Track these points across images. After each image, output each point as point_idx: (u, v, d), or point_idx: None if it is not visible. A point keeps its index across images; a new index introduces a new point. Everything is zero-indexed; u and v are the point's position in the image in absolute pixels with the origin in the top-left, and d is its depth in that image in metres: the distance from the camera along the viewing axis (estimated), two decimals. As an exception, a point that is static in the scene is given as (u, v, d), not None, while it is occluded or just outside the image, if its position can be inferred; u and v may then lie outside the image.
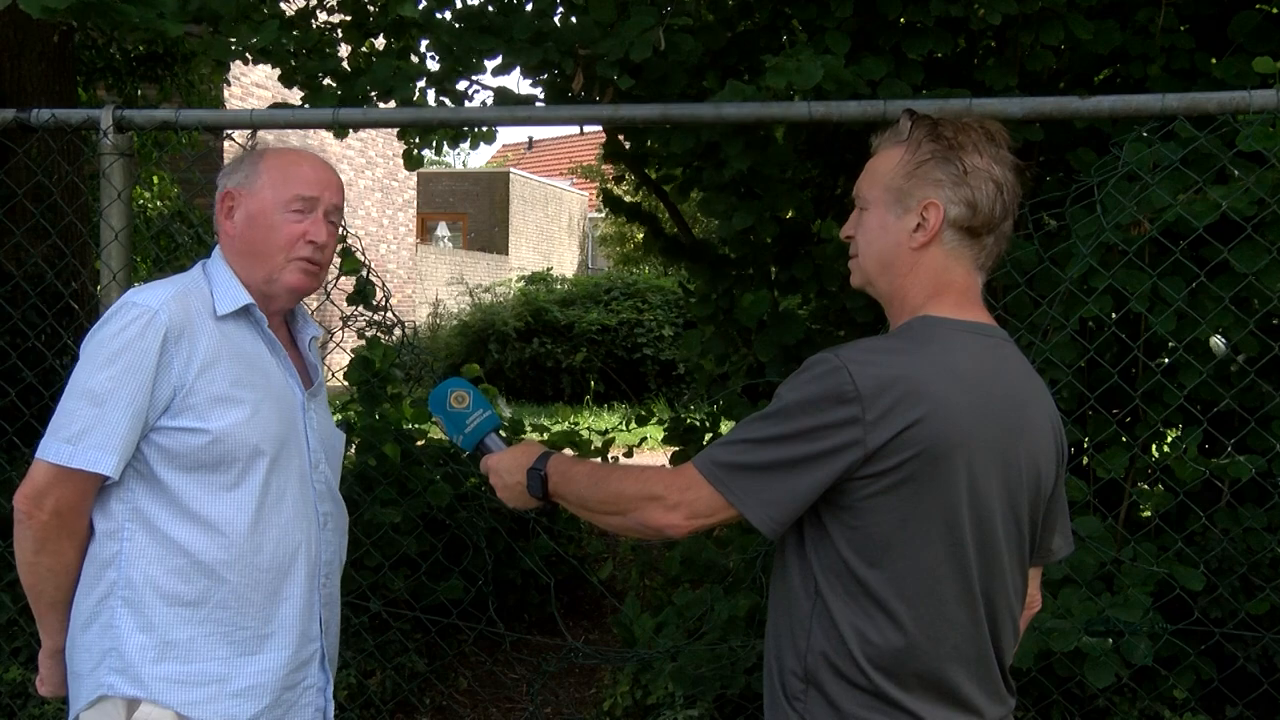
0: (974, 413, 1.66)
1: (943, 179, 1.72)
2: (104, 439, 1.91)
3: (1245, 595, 3.30)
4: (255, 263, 2.09)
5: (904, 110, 1.83)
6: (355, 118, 3.38)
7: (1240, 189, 2.95)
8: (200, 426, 1.96)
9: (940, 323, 1.73)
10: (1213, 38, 3.78)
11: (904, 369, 1.64)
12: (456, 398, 2.04)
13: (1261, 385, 3.18)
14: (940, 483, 1.63)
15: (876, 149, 1.83)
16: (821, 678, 1.67)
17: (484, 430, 2.03)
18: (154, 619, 1.96)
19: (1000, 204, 1.74)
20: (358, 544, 4.04)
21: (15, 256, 5.08)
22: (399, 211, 19.19)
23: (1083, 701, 3.41)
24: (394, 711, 4.20)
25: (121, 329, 1.95)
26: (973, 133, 1.74)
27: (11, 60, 5.98)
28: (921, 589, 1.65)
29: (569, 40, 3.71)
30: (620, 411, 13.25)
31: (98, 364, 1.94)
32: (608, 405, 14.08)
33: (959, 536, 1.67)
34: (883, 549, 1.64)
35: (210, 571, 1.97)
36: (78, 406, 1.93)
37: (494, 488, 1.97)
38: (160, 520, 1.96)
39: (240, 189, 2.11)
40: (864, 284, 1.84)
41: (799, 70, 3.11)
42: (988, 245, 1.76)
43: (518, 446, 1.97)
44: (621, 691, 4.02)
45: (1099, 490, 3.40)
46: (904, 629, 1.65)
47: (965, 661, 1.70)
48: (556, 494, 1.86)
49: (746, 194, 4.14)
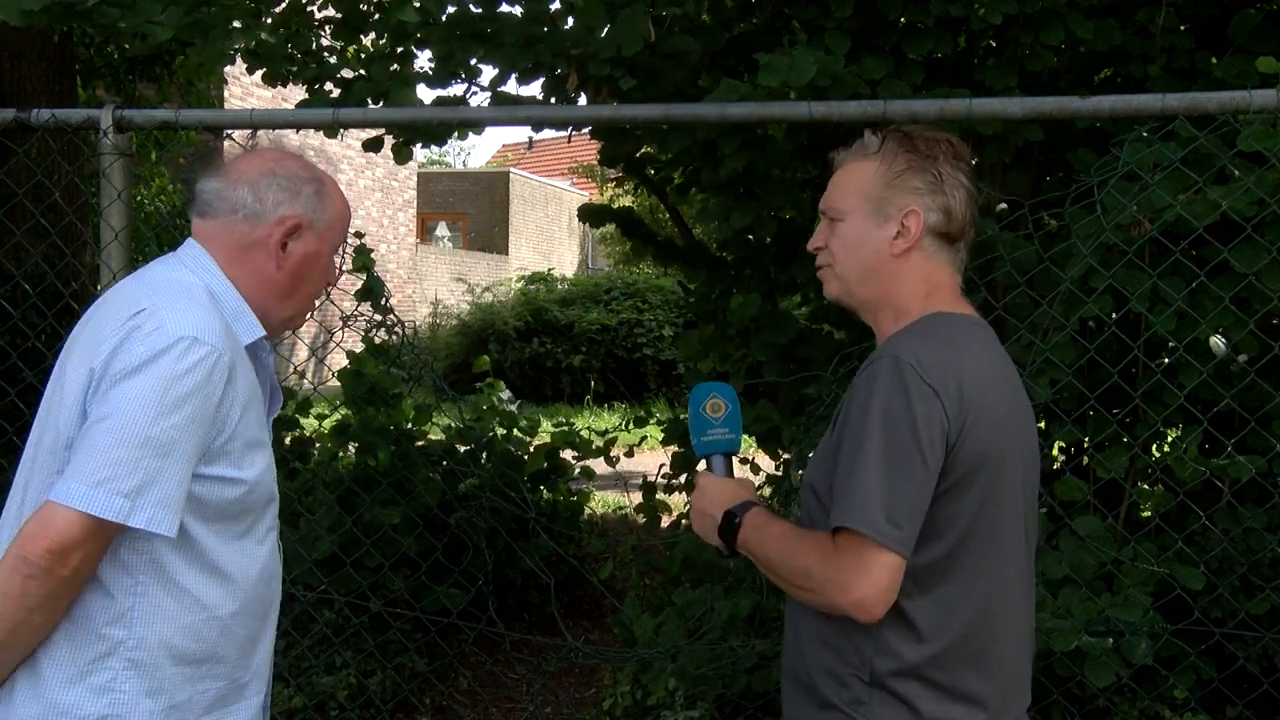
0: (1005, 400, 1.75)
1: (921, 187, 1.78)
2: (166, 495, 1.69)
3: (1245, 595, 3.30)
4: (288, 301, 1.92)
5: (866, 129, 1.88)
6: (355, 118, 3.38)
7: (1240, 189, 2.95)
8: (237, 476, 1.79)
9: (956, 318, 1.79)
10: (1213, 38, 3.77)
11: (957, 362, 1.69)
12: (713, 405, 1.97)
13: (1262, 385, 3.18)
14: (1003, 469, 1.70)
15: (841, 163, 1.87)
16: (894, 681, 1.67)
17: (718, 448, 1.96)
18: (163, 682, 1.76)
19: (970, 211, 1.82)
20: (358, 544, 4.04)
21: (15, 256, 5.08)
22: (399, 211, 19.19)
23: (1083, 701, 3.41)
24: (394, 711, 4.19)
25: (188, 370, 1.71)
26: (942, 144, 1.81)
27: (11, 60, 5.98)
28: (996, 579, 1.71)
29: (560, 42, 3.71)
30: (620, 411, 13.25)
31: (162, 408, 1.68)
32: (608, 405, 14.08)
33: (1017, 525, 1.75)
34: (958, 542, 1.68)
35: (222, 625, 1.82)
36: (138, 456, 1.66)
37: (691, 508, 1.93)
38: (178, 572, 1.76)
39: (307, 223, 1.90)
40: (841, 293, 1.86)
41: (792, 67, 3.11)
42: (961, 251, 1.83)
43: (731, 483, 1.91)
44: (621, 691, 4.02)
45: (1099, 490, 3.40)
46: (985, 620, 1.70)
47: (1025, 645, 1.80)
48: (745, 547, 1.81)
49: (745, 194, 4.14)
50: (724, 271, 4.56)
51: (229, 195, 1.90)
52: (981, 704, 1.70)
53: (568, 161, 27.56)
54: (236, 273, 1.88)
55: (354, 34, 4.36)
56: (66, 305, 4.52)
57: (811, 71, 3.11)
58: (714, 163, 3.97)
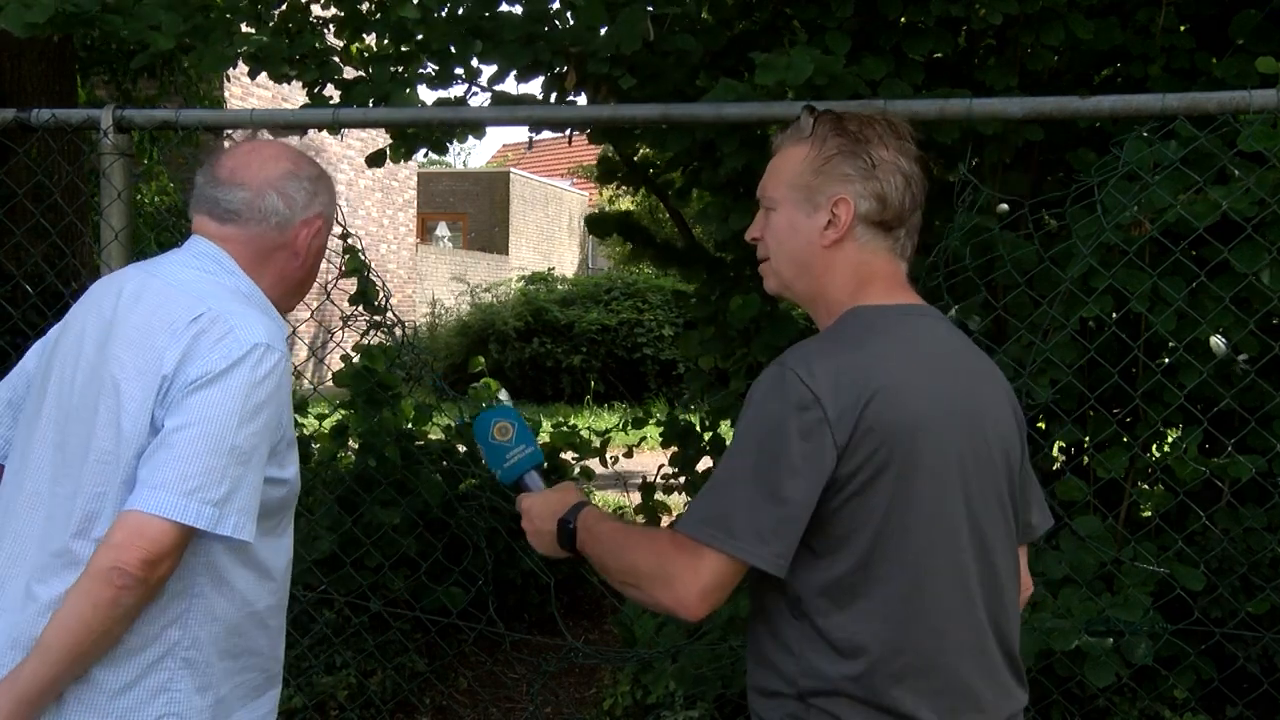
0: (932, 393, 1.63)
1: (851, 174, 1.68)
2: (248, 502, 1.73)
3: (1245, 595, 3.30)
4: (299, 294, 1.97)
5: (804, 106, 1.77)
6: (355, 118, 3.39)
7: (1240, 189, 2.95)
8: (281, 476, 1.85)
9: (875, 311, 1.69)
10: (1213, 37, 3.77)
11: (852, 361, 1.60)
12: (500, 429, 1.92)
13: (1262, 385, 3.18)
14: (913, 469, 1.59)
15: (778, 147, 1.78)
16: (822, 700, 1.60)
17: (524, 468, 1.92)
18: (211, 678, 1.81)
19: (909, 196, 1.70)
20: (358, 544, 4.04)
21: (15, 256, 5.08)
22: (399, 211, 19.19)
23: (1083, 701, 3.41)
24: (394, 711, 4.19)
25: (265, 377, 1.76)
26: (877, 125, 1.70)
27: (11, 60, 5.98)
28: (915, 585, 1.60)
29: (560, 40, 3.71)
30: (620, 411, 13.25)
31: (244, 415, 1.73)
32: (608, 405, 14.08)
33: (945, 522, 1.62)
34: (869, 550, 1.58)
35: (260, 620, 1.87)
36: (225, 464, 1.70)
37: (525, 530, 1.86)
38: (228, 572, 1.81)
39: (327, 218, 1.96)
40: (781, 289, 1.78)
41: (789, 67, 3.11)
42: (900, 238, 1.73)
43: (554, 491, 1.86)
44: (621, 691, 4.02)
45: (1099, 490, 3.40)
46: (904, 630, 1.59)
47: (971, 656, 1.65)
48: (583, 549, 1.76)
49: (745, 194, 4.13)
50: (724, 272, 4.55)
51: (259, 204, 1.90)
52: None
53: (568, 162, 27.56)
54: (258, 273, 1.91)
55: (355, 33, 4.36)
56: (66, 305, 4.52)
57: (809, 71, 3.10)
58: (713, 163, 3.97)
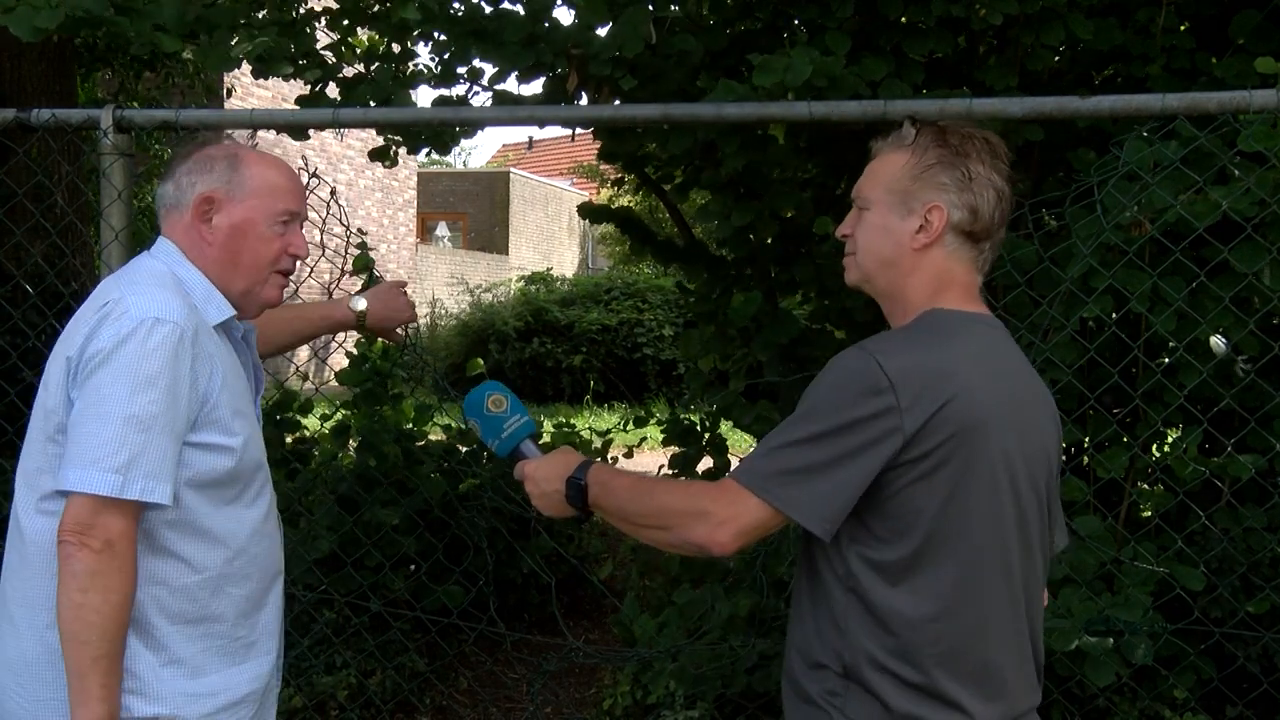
0: (998, 396, 1.71)
1: (947, 184, 1.77)
2: (155, 466, 1.82)
3: (1245, 595, 3.30)
4: (237, 274, 2.02)
5: (907, 117, 1.89)
6: (355, 118, 3.38)
7: (1240, 189, 2.95)
8: (226, 443, 1.92)
9: (953, 315, 1.78)
10: (1213, 37, 3.77)
11: (929, 356, 1.68)
12: (494, 401, 1.98)
13: (1262, 385, 3.18)
14: (976, 463, 1.67)
15: (878, 152, 1.87)
16: (865, 674, 1.67)
17: (520, 436, 1.98)
18: (161, 638, 1.90)
19: (999, 212, 1.80)
20: (358, 544, 4.04)
21: (15, 256, 5.08)
22: (399, 211, 19.19)
23: (1083, 701, 3.41)
24: (394, 711, 4.20)
25: (155, 347, 1.84)
26: (976, 141, 1.80)
27: (11, 60, 5.98)
28: (966, 574, 1.68)
29: (561, 42, 3.71)
30: (620, 411, 13.24)
31: (136, 385, 1.82)
32: (608, 405, 14.07)
33: (998, 519, 1.70)
34: (925, 536, 1.66)
35: (216, 587, 1.94)
36: (121, 433, 1.79)
37: (530, 495, 1.93)
38: (167, 539, 1.90)
39: (222, 194, 2.01)
40: (861, 281, 1.87)
41: (789, 68, 3.11)
42: (985, 251, 1.82)
43: (555, 454, 1.93)
44: (621, 691, 4.02)
45: (1099, 490, 3.40)
46: (953, 617, 1.67)
47: (1009, 647, 1.74)
48: (596, 505, 1.83)
49: (745, 193, 4.14)
50: (724, 271, 4.56)
51: (162, 192, 2.07)
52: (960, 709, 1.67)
53: (568, 161, 27.56)
54: (194, 258, 2.02)
55: (351, 29, 4.35)
56: (66, 305, 4.51)
57: (808, 72, 3.10)
58: (715, 162, 3.97)
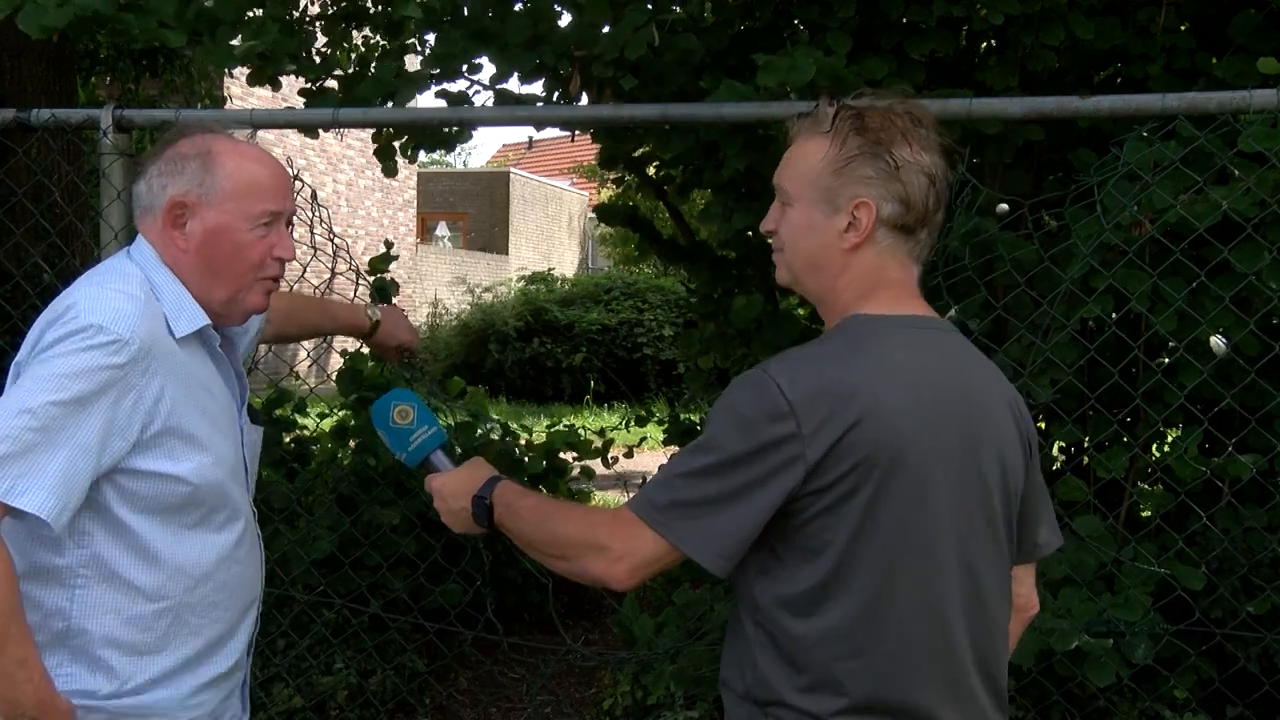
0: (920, 412, 1.56)
1: (873, 176, 1.61)
2: (37, 470, 1.63)
3: (1246, 595, 3.30)
4: (216, 282, 1.86)
5: (824, 96, 1.70)
6: (355, 117, 3.38)
7: (1241, 189, 2.95)
8: (172, 472, 1.76)
9: (874, 321, 1.63)
10: (1213, 37, 3.77)
11: (836, 374, 1.55)
12: (400, 413, 1.89)
13: (1262, 384, 3.18)
14: (890, 491, 1.52)
15: (795, 136, 1.71)
16: (780, 713, 1.56)
17: (429, 448, 1.89)
18: (113, 668, 1.77)
19: (933, 195, 1.63)
20: (356, 544, 4.04)
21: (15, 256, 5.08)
22: (399, 211, 19.20)
23: (1083, 701, 3.40)
24: (393, 711, 4.19)
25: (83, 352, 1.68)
26: (898, 120, 1.63)
27: (11, 60, 5.98)
28: (874, 607, 1.53)
29: (564, 42, 3.70)
30: (620, 411, 13.24)
31: (47, 385, 1.66)
32: (608, 405, 14.07)
33: (919, 548, 1.55)
34: (833, 568, 1.53)
35: (173, 614, 1.81)
36: (9, 425, 1.63)
37: (439, 511, 1.83)
38: (119, 566, 1.76)
39: (194, 198, 1.84)
40: (791, 282, 1.73)
41: (791, 68, 3.11)
42: (922, 239, 1.66)
43: (464, 469, 1.83)
44: (621, 692, 4.02)
45: (1099, 490, 3.40)
46: (862, 654, 1.53)
47: (935, 684, 1.57)
48: (501, 525, 1.73)
49: (747, 194, 4.13)
50: (726, 270, 4.55)
51: (136, 191, 1.91)
52: None
53: (568, 161, 27.56)
54: (169, 263, 1.87)
55: (347, 30, 4.34)
56: (66, 305, 4.51)
57: (811, 72, 3.10)
58: (716, 163, 3.96)
